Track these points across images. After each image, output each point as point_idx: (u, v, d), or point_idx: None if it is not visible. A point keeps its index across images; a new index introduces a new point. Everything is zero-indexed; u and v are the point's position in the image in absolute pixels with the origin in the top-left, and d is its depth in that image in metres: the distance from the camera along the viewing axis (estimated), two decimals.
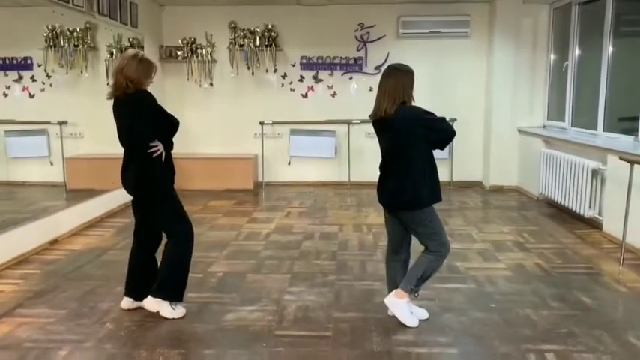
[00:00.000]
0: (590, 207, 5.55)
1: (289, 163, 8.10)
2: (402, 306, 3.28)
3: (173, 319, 3.34)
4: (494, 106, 7.64)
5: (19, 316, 3.40)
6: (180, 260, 3.39)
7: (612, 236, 5.08)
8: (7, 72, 6.88)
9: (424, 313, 3.39)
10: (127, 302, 3.48)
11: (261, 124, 7.95)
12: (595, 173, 5.47)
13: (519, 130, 7.58)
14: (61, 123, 6.93)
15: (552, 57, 7.40)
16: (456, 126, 7.85)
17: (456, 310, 3.52)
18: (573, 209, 5.83)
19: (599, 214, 5.44)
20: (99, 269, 4.34)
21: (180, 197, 3.47)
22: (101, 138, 6.94)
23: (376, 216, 6.06)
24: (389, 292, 3.37)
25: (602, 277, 4.16)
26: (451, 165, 7.99)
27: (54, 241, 5.05)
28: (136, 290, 3.47)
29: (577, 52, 6.65)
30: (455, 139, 3.41)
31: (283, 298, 3.71)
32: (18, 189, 6.84)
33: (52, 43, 6.83)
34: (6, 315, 3.42)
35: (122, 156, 3.40)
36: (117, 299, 3.61)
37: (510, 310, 3.51)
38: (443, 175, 7.89)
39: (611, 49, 5.79)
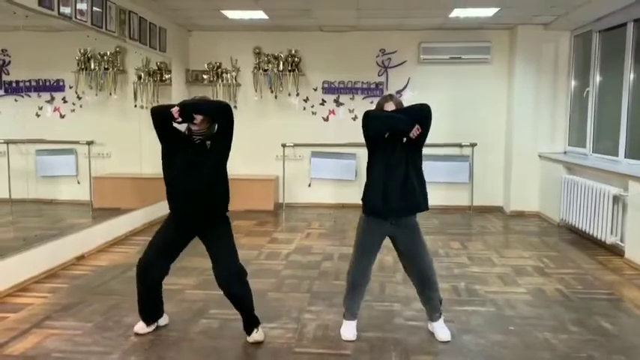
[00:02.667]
0: (611, 233, 5.52)
1: (309, 185, 8.21)
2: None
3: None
4: (515, 132, 7.67)
5: (48, 328, 3.52)
6: None
7: (635, 263, 5.05)
8: (41, 93, 7.11)
9: (447, 335, 3.42)
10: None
11: (283, 146, 8.10)
12: (617, 199, 5.46)
13: (540, 156, 7.59)
14: (89, 143, 7.12)
15: (573, 83, 7.44)
16: (476, 150, 7.95)
17: (475, 332, 3.54)
18: (595, 235, 5.80)
19: (621, 241, 5.41)
20: (123, 285, 4.44)
21: (171, 231, 3.35)
22: (127, 158, 7.13)
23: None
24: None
25: (624, 303, 4.13)
26: (471, 189, 8.00)
27: (80, 257, 5.20)
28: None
29: (598, 78, 6.68)
30: (475, 164, 3.48)
31: (303, 317, 3.77)
32: (46, 206, 7.00)
33: (83, 66, 7.05)
34: (35, 326, 3.54)
35: (147, 177, 3.49)
36: None
37: (529, 333, 3.51)
38: (463, 199, 8.09)
39: (632, 75, 5.82)
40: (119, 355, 3.14)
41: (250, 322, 3.38)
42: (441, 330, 3.43)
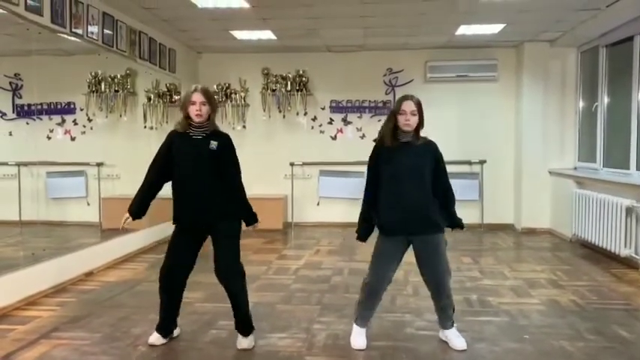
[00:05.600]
0: (625, 246, 5.44)
1: (318, 204, 8.18)
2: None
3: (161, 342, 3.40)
4: (524, 149, 7.65)
5: (56, 339, 3.49)
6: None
7: None
8: (52, 116, 7.18)
9: (462, 344, 3.35)
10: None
11: (292, 165, 8.12)
12: (629, 211, 5.39)
13: (550, 172, 7.54)
14: (99, 164, 7.16)
15: (581, 99, 7.43)
16: (485, 168, 7.92)
17: (489, 340, 3.47)
18: (608, 249, 5.72)
19: (636, 253, 5.32)
20: (132, 299, 4.42)
21: (180, 236, 3.36)
22: (137, 179, 7.14)
23: (406, 254, 6.02)
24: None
25: None
26: (482, 207, 7.94)
27: (89, 273, 5.19)
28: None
29: (606, 93, 6.67)
30: (485, 182, 3.44)
31: (313, 327, 3.72)
32: (56, 228, 7.01)
33: (94, 89, 7.13)
34: (43, 337, 3.51)
35: (156, 197, 3.50)
36: (150, 325, 3.66)
37: (544, 341, 3.43)
38: (473, 217, 8.02)
39: None
40: None
41: (244, 325, 3.36)
42: (456, 338, 3.37)
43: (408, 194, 3.22)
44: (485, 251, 6.36)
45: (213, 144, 3.29)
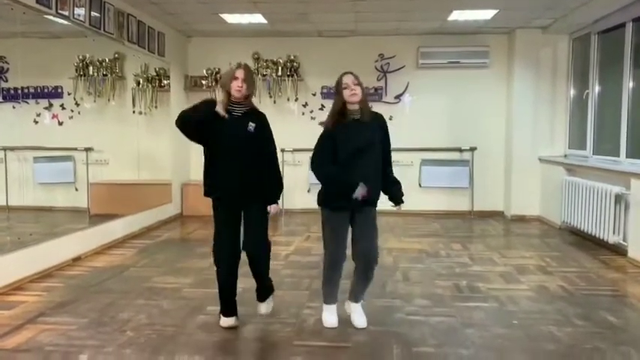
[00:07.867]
0: (614, 233, 5.46)
1: (309, 191, 8.15)
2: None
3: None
4: (515, 136, 7.64)
5: (42, 324, 3.45)
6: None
7: (638, 261, 5.00)
8: (39, 100, 7.07)
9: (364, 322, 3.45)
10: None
11: (282, 151, 8.07)
12: (619, 198, 5.41)
13: (540, 159, 7.55)
14: (87, 149, 7.07)
15: (573, 86, 7.43)
16: (476, 155, 7.93)
17: (478, 326, 3.47)
18: (597, 235, 5.74)
19: (624, 240, 5.35)
20: (120, 284, 4.38)
21: (223, 212, 3.38)
22: (125, 164, 7.09)
23: (396, 241, 6.02)
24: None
25: (628, 298, 4.07)
26: (472, 194, 7.95)
27: (77, 259, 5.14)
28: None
29: (598, 80, 6.66)
30: (475, 169, 3.46)
31: (302, 312, 3.71)
32: (44, 213, 6.94)
33: (82, 73, 7.01)
34: (29, 322, 3.47)
35: (144, 183, 3.47)
36: (137, 310, 3.66)
37: (533, 327, 3.44)
38: (463, 204, 8.05)
39: (632, 75, 5.80)
40: (114, 349, 3.07)
41: (264, 291, 3.48)
42: (360, 315, 3.46)
43: (358, 176, 3.28)
44: (475, 238, 6.38)
45: (251, 126, 3.34)
